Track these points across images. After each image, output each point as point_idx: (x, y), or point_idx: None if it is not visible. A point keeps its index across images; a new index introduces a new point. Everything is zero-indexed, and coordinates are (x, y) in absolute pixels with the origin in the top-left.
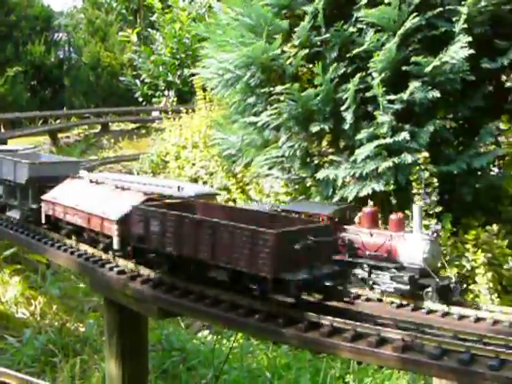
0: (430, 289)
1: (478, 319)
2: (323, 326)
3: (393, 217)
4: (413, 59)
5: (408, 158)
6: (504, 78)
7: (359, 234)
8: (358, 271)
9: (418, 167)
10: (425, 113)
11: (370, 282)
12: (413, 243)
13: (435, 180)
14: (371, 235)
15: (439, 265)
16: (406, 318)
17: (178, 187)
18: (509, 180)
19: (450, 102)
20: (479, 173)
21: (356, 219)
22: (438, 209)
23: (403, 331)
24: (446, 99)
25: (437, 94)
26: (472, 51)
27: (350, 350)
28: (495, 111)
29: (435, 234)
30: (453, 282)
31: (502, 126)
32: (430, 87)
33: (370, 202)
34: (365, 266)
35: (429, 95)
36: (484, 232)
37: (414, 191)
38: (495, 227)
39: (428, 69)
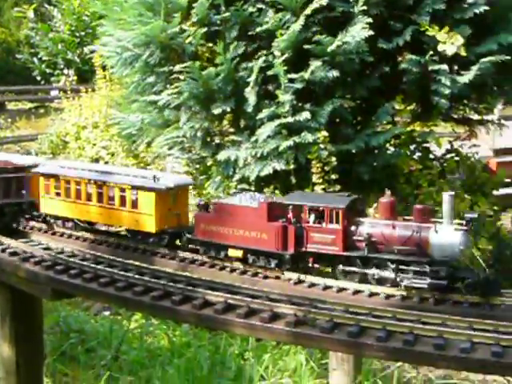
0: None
1: (371, 294)
2: (217, 303)
3: (418, 207)
4: (315, 38)
5: (308, 137)
6: (400, 59)
7: (379, 226)
8: (377, 270)
9: (317, 146)
10: (324, 92)
11: (398, 279)
12: (446, 235)
13: (334, 159)
14: (393, 228)
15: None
16: (303, 294)
17: (154, 177)
18: (404, 158)
19: (349, 82)
20: (376, 151)
21: (371, 210)
22: (337, 187)
23: (296, 306)
24: (344, 79)
25: (336, 73)
26: (371, 32)
27: (243, 325)
28: (391, 91)
29: (470, 224)
30: (491, 275)
31: (397, 106)
32: (330, 67)
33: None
34: (389, 262)
35: (329, 75)
36: None
37: (314, 170)
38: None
39: (331, 48)
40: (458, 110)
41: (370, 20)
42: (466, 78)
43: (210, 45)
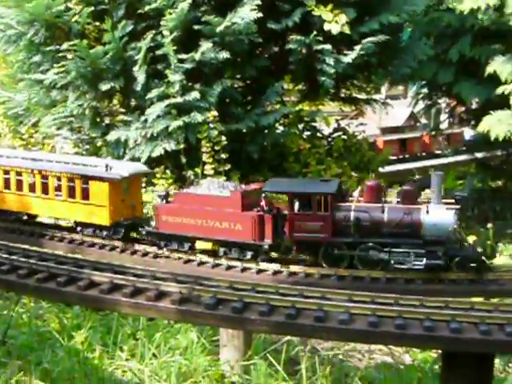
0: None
1: (259, 271)
2: (103, 284)
3: (405, 188)
4: (204, 19)
5: (198, 116)
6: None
7: (367, 210)
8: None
9: (207, 126)
10: (214, 73)
11: (392, 262)
12: (438, 215)
13: (224, 138)
14: (383, 211)
15: None
16: (191, 273)
17: (106, 166)
18: (293, 137)
19: (238, 63)
20: (266, 131)
21: (355, 194)
22: (227, 167)
23: (182, 284)
24: (234, 60)
25: (227, 54)
26: (260, 14)
27: (129, 305)
28: (280, 71)
29: (460, 203)
30: (481, 252)
31: (286, 85)
32: (220, 48)
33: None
34: (380, 245)
35: (219, 56)
36: None
37: (204, 149)
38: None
39: (220, 29)
40: (346, 89)
41: (258, 1)
42: (349, 57)
43: (98, 23)
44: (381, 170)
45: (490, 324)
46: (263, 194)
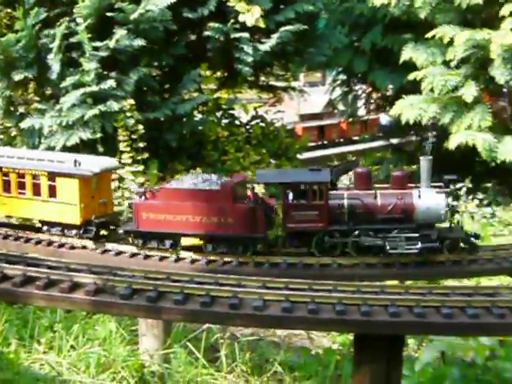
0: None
1: (178, 259)
2: (15, 277)
3: (396, 173)
4: (117, 6)
5: (114, 105)
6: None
7: (360, 197)
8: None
9: (123, 115)
10: (130, 61)
11: (387, 248)
12: (430, 198)
13: (141, 127)
14: (375, 197)
15: None
16: (106, 263)
17: (75, 161)
18: (211, 125)
19: (154, 50)
20: (184, 119)
21: (346, 181)
22: (145, 155)
23: (96, 275)
24: (150, 48)
25: (142, 42)
26: (174, 0)
27: (42, 297)
28: (197, 59)
29: (449, 186)
30: (472, 235)
31: (204, 73)
32: (134, 35)
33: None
34: (374, 232)
35: (134, 43)
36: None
37: (121, 138)
38: (199, 170)
39: (133, 16)
40: (264, 76)
41: None
42: (266, 45)
43: (9, 10)
44: (299, 156)
45: (399, 306)
46: (250, 186)
